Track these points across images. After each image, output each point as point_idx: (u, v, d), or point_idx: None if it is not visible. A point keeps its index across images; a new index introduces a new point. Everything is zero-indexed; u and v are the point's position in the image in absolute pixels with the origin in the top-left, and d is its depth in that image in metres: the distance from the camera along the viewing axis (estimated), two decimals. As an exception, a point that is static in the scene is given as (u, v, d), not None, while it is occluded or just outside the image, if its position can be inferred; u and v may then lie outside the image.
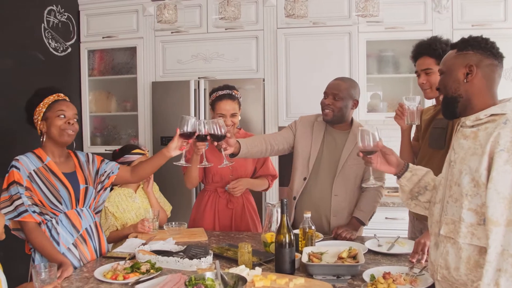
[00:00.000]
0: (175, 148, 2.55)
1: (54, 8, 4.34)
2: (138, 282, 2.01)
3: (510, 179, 1.55)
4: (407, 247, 2.46)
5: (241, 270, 1.99)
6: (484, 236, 1.58)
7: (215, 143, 2.53)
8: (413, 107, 2.55)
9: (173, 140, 2.54)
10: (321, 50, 4.16)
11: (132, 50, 4.61)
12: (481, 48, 1.72)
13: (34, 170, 2.32)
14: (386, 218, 3.92)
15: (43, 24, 4.20)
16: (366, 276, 2.02)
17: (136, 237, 2.74)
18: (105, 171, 2.57)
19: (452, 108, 1.78)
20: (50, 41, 4.28)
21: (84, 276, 2.14)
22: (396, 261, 2.30)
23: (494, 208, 1.55)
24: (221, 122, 2.47)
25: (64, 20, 4.47)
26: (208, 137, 2.51)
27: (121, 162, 2.92)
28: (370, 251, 2.43)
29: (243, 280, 1.81)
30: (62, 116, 2.37)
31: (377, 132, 2.08)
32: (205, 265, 2.07)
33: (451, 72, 1.76)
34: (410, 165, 2.03)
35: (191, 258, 2.21)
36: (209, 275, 1.84)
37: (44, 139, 2.41)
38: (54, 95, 2.42)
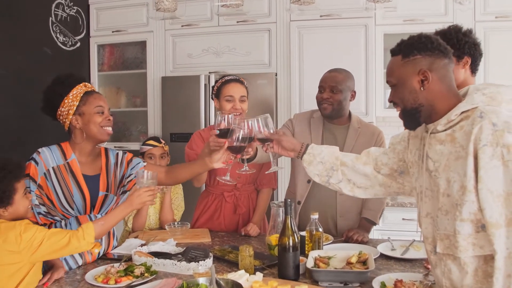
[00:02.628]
0: (218, 160, 2.25)
1: (63, 1, 4.25)
2: (130, 286, 1.88)
3: (500, 174, 1.41)
4: (423, 251, 2.28)
5: (240, 275, 1.85)
6: (487, 243, 1.45)
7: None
8: None
9: (218, 152, 2.25)
10: (336, 43, 3.98)
11: (142, 45, 4.51)
12: (428, 50, 1.57)
13: (53, 168, 2.19)
14: (403, 219, 3.75)
15: (50, 18, 4.12)
16: (376, 283, 1.86)
17: (136, 237, 2.62)
18: (130, 175, 2.39)
19: (414, 118, 1.63)
20: (58, 35, 4.20)
21: (75, 279, 2.03)
22: (410, 267, 2.13)
23: (490, 209, 1.42)
24: (249, 122, 2.15)
25: (73, 14, 4.39)
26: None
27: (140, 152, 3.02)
28: (382, 256, 2.26)
29: (239, 286, 1.67)
30: (101, 112, 2.23)
31: (269, 120, 2.11)
32: (203, 269, 1.94)
33: (404, 82, 1.60)
34: (311, 146, 2.02)
35: (189, 261, 2.07)
36: (202, 280, 1.70)
37: (75, 134, 2.24)
38: (81, 84, 2.24)
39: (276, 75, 4.12)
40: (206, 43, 4.30)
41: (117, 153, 2.42)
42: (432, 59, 1.57)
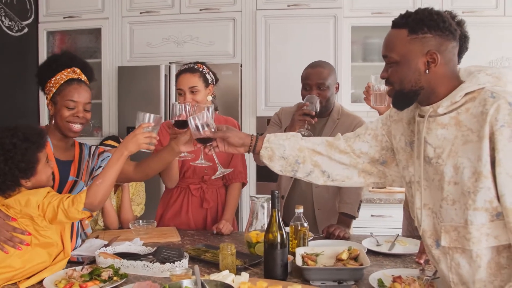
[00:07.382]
0: (186, 142, 2.04)
1: (8, -18, 3.90)
2: (99, 292, 1.65)
3: None
4: (409, 246, 2.18)
5: (225, 276, 1.65)
6: (503, 232, 1.34)
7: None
8: (382, 88, 2.30)
9: (185, 133, 2.04)
10: (304, 34, 3.86)
11: (97, 32, 4.22)
12: (440, 29, 1.42)
13: None
14: (372, 215, 3.65)
15: (-6, -1, 3.77)
16: (372, 280, 1.71)
17: (97, 237, 2.37)
18: (100, 167, 2.18)
19: (410, 101, 1.49)
20: (3, 19, 3.84)
21: (31, 285, 1.76)
22: (401, 263, 2.00)
23: (511, 195, 1.29)
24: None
25: (20, -4, 4.03)
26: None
27: None
28: (369, 251, 2.12)
29: (230, 288, 1.47)
30: (71, 108, 2.02)
31: (209, 113, 1.83)
32: (180, 270, 1.72)
33: (409, 62, 1.44)
34: (266, 139, 1.78)
35: (162, 262, 1.85)
36: (186, 283, 1.49)
37: (50, 118, 2.14)
38: (69, 69, 2.08)
39: (241, 66, 3.95)
40: (166, 31, 4.07)
41: (91, 146, 2.26)
42: (442, 40, 1.42)
